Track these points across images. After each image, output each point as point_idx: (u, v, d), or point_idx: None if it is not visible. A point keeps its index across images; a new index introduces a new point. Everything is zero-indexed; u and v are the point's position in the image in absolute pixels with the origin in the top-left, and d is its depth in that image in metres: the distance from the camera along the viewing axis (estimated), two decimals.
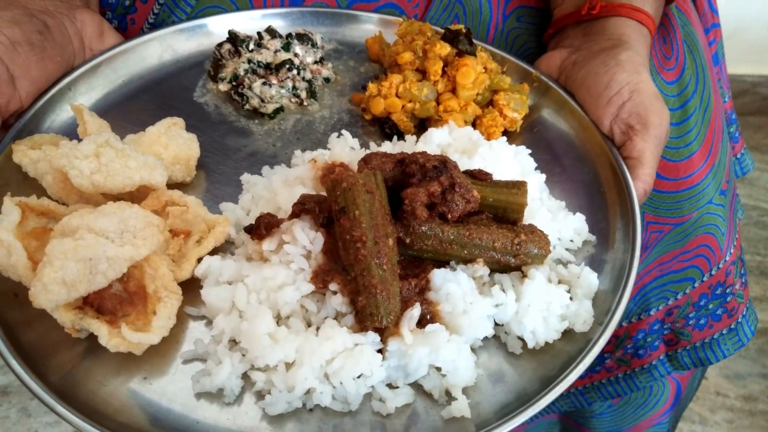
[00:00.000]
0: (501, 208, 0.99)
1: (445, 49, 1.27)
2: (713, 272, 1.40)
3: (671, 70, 1.41)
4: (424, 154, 0.97)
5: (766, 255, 2.93)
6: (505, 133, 1.28)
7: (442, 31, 1.36)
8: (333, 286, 0.91)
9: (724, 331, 1.45)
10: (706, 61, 1.47)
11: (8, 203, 0.96)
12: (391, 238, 0.91)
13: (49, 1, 1.24)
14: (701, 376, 1.76)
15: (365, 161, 0.98)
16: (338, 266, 0.93)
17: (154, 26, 1.39)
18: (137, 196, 1.03)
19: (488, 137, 1.26)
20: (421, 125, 1.30)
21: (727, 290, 1.42)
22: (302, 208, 0.94)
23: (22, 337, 0.91)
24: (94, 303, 0.90)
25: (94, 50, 1.29)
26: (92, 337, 0.91)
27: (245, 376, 0.89)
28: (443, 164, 0.94)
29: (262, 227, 0.96)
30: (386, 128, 1.27)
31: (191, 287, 0.98)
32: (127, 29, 1.41)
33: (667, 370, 1.48)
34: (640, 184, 1.13)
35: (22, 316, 0.93)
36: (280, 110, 1.30)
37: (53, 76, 1.20)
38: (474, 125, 1.28)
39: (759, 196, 3.16)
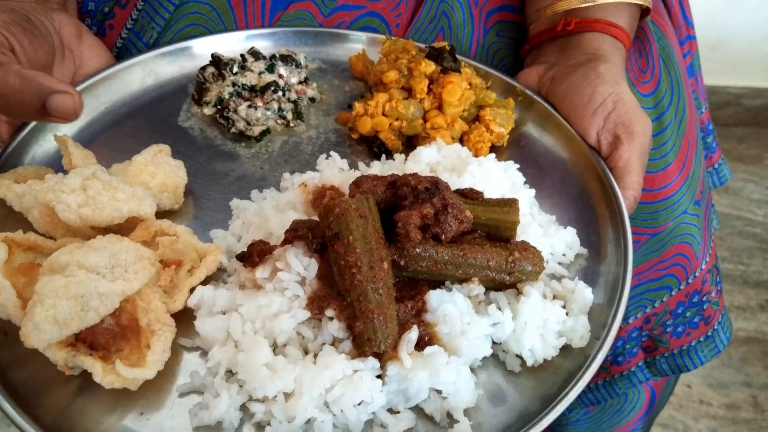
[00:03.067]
0: (493, 226, 0.99)
1: (430, 66, 1.27)
2: (690, 280, 1.42)
3: (647, 83, 1.43)
4: (415, 176, 0.97)
5: (749, 264, 2.97)
6: (492, 148, 1.29)
7: (426, 48, 1.37)
8: (329, 312, 0.90)
9: (701, 339, 1.47)
10: (681, 74, 1.50)
11: None
12: (385, 261, 0.91)
13: (26, 3, 1.22)
14: (674, 383, 1.78)
15: (356, 185, 0.98)
16: (334, 291, 0.92)
17: (133, 31, 1.38)
18: (126, 227, 1.01)
19: (476, 153, 1.26)
20: (409, 143, 1.30)
21: (704, 298, 1.44)
22: (295, 234, 0.94)
23: (13, 377, 0.89)
24: (86, 339, 0.88)
25: (74, 51, 1.27)
26: (85, 374, 0.89)
27: (244, 408, 0.88)
28: (435, 186, 0.94)
29: (255, 255, 0.95)
30: (374, 147, 1.27)
31: (184, 318, 0.97)
32: (106, 35, 1.40)
33: (646, 376, 1.49)
34: (629, 192, 1.15)
35: (11, 355, 0.91)
36: (266, 132, 1.29)
37: (41, 62, 1.16)
38: (461, 141, 1.28)
39: (742, 206, 3.20)
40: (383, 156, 1.25)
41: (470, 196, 1.01)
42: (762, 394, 2.55)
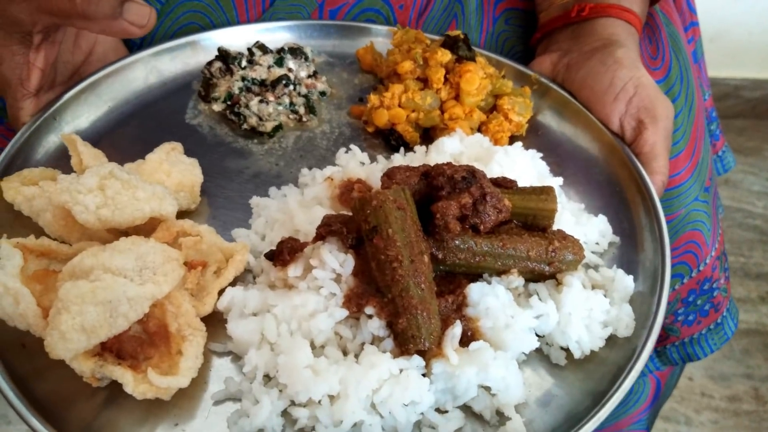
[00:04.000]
0: (530, 215, 0.96)
1: (446, 56, 1.24)
2: (701, 268, 1.41)
3: (658, 69, 1.42)
4: (450, 165, 0.93)
5: (750, 256, 2.96)
6: (510, 138, 1.26)
7: (437, 38, 1.33)
8: (369, 310, 0.86)
9: (711, 326, 1.46)
10: (689, 60, 1.48)
11: (7, 246, 0.89)
12: (425, 254, 0.87)
13: None
14: (679, 374, 1.77)
15: (389, 176, 0.94)
16: (371, 288, 0.88)
17: None
18: (144, 228, 0.96)
19: (495, 143, 1.23)
20: (425, 135, 1.26)
21: (714, 285, 1.44)
22: (328, 229, 0.89)
23: (36, 390, 0.84)
24: (112, 348, 0.83)
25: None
26: (112, 385, 0.85)
27: (285, 414, 0.83)
28: (472, 175, 0.91)
29: (286, 252, 0.91)
30: (392, 140, 1.23)
31: (211, 321, 0.92)
32: None
33: (656, 365, 1.48)
34: (658, 177, 1.13)
35: (32, 367, 0.86)
36: (279, 128, 1.24)
37: None
38: (479, 132, 1.25)
39: (742, 198, 3.19)
40: (401, 149, 1.22)
41: (504, 185, 0.98)
42: (763, 386, 2.55)
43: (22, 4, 1.01)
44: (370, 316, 0.87)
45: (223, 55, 1.28)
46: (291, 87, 1.26)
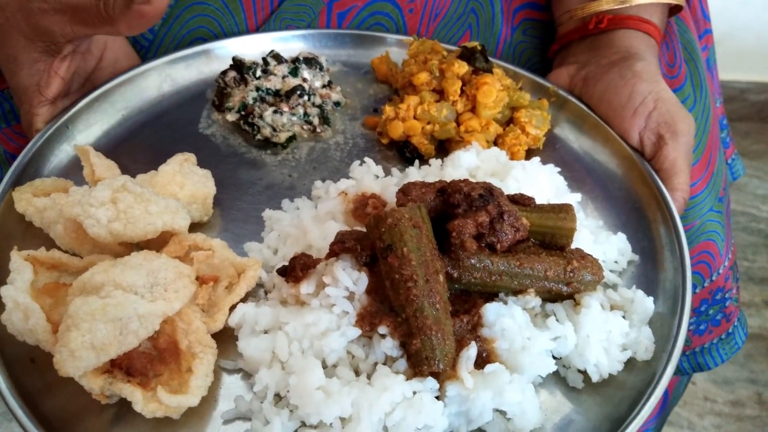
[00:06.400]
0: (549, 234, 0.94)
1: (463, 67, 1.22)
2: (714, 278, 1.39)
3: (675, 77, 1.40)
4: (467, 182, 0.91)
5: (754, 260, 2.93)
6: (527, 151, 1.24)
7: (453, 48, 1.32)
8: (382, 329, 0.84)
9: (723, 336, 1.45)
10: (704, 69, 1.46)
11: (17, 259, 0.88)
12: (441, 274, 0.85)
13: None
14: (687, 382, 1.75)
15: (404, 192, 0.92)
16: (385, 307, 0.86)
17: None
18: (156, 242, 0.95)
19: (512, 156, 1.21)
20: (441, 147, 1.25)
21: (726, 295, 1.42)
22: (342, 246, 0.88)
23: (43, 406, 0.83)
24: (122, 365, 0.82)
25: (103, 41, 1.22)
26: (121, 402, 0.83)
27: None
28: (489, 192, 0.89)
29: (298, 269, 0.89)
30: (407, 152, 1.22)
31: (222, 337, 0.91)
32: None
33: None
34: (679, 194, 1.11)
35: (41, 382, 0.85)
36: (292, 139, 1.23)
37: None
38: (495, 145, 1.23)
39: (747, 201, 3.16)
40: (416, 161, 1.20)
41: (521, 202, 0.96)
42: (767, 391, 2.52)
43: (56, 16, 1.01)
44: (383, 336, 0.85)
45: (238, 65, 1.27)
46: (305, 97, 1.25)
